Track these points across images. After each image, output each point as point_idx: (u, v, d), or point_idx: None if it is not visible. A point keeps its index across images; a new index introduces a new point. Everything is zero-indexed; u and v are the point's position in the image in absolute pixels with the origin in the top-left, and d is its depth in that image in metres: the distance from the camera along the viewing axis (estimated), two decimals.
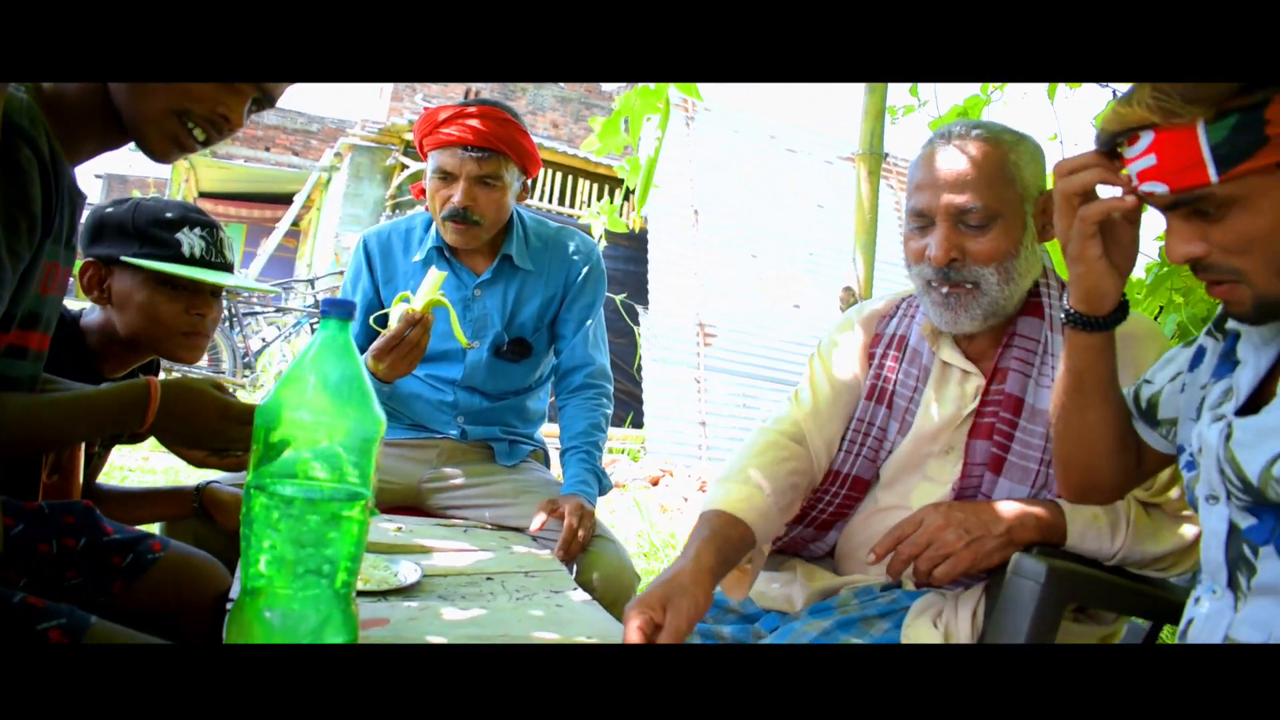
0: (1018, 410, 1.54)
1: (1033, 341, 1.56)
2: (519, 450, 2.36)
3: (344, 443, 1.07)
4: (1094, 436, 1.33)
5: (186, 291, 1.75)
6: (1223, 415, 1.15)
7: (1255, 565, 1.10)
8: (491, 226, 2.19)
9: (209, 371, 7.93)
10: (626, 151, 3.57)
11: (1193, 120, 1.01)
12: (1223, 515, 1.14)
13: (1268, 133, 0.98)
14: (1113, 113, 1.09)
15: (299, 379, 1.07)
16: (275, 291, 2.26)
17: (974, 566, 1.41)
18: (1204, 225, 1.06)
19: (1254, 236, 1.03)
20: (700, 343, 8.47)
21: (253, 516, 1.04)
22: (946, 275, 1.51)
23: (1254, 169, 0.99)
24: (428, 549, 1.82)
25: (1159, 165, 1.05)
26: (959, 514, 1.43)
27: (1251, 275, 1.05)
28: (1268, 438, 1.06)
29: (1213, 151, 1.00)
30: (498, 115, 2.13)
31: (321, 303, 1.08)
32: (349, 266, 2.38)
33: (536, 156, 2.23)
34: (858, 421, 1.69)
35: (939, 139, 1.54)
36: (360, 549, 1.09)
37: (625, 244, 9.58)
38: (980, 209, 1.47)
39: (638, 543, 4.38)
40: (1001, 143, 1.51)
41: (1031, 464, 1.52)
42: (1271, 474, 1.05)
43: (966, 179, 1.48)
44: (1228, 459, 1.11)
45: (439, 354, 2.25)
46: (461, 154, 2.12)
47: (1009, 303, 1.54)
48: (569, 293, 2.33)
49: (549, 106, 18.47)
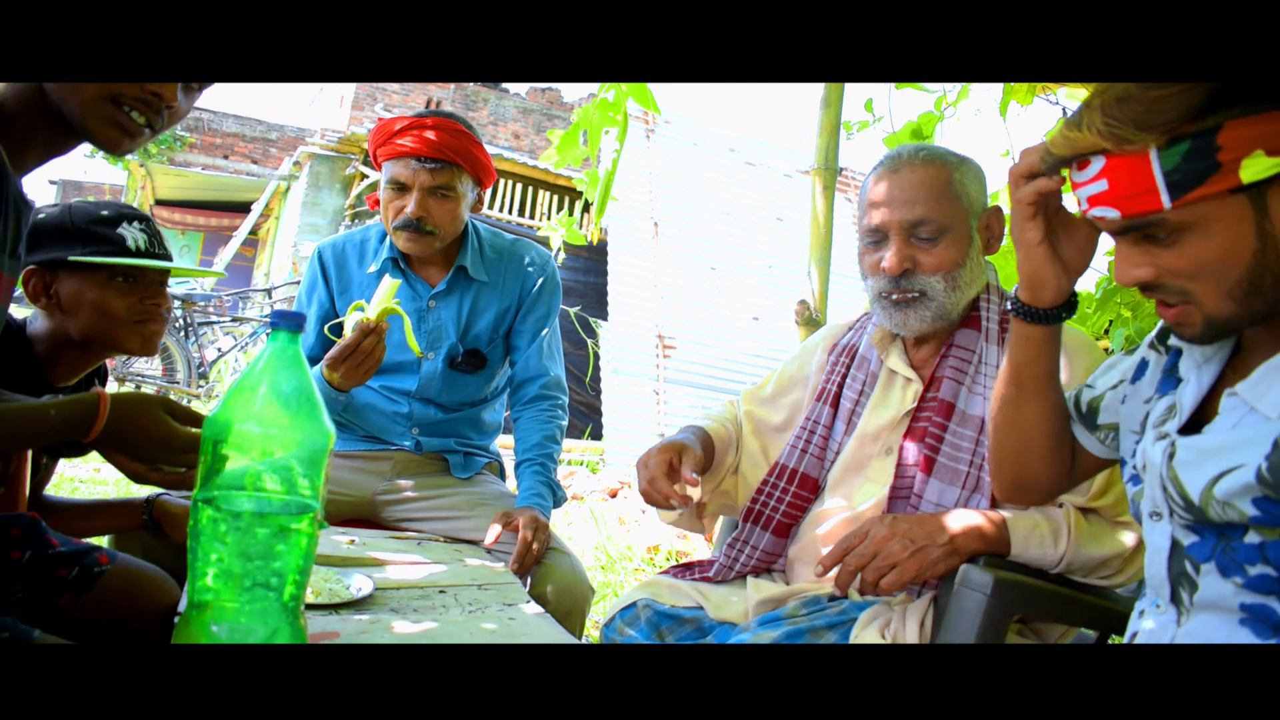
0: (949, 415, 1.63)
1: (968, 352, 1.66)
2: (474, 462, 2.36)
3: (293, 455, 1.07)
4: (1030, 433, 1.36)
5: (137, 284, 1.74)
6: (1166, 434, 1.16)
7: (1197, 582, 1.11)
8: (446, 236, 2.19)
9: (163, 382, 7.84)
10: (586, 164, 3.58)
11: (1145, 147, 1.01)
12: (1165, 532, 1.15)
13: (1219, 159, 0.98)
14: (1062, 137, 1.08)
15: (248, 390, 1.06)
16: (220, 275, 2.25)
17: (919, 576, 1.44)
18: (1154, 249, 1.06)
19: (1205, 261, 1.03)
20: (660, 355, 8.48)
21: (200, 529, 1.04)
22: (898, 284, 1.63)
23: (1206, 195, 1.00)
24: (380, 562, 1.81)
25: (1110, 191, 1.05)
26: (904, 525, 1.48)
27: (1201, 298, 1.06)
28: (1209, 458, 1.08)
29: (1165, 178, 1.00)
30: (451, 126, 2.13)
31: (271, 314, 1.08)
32: (304, 277, 2.37)
33: (491, 168, 2.23)
34: (806, 420, 1.83)
35: (889, 161, 1.67)
36: (309, 562, 1.09)
37: (585, 256, 9.59)
38: (931, 222, 1.60)
39: (595, 555, 4.37)
40: (947, 164, 1.65)
41: (961, 465, 1.60)
42: (1212, 494, 1.06)
43: (917, 196, 1.61)
44: (1170, 478, 1.12)
45: (394, 365, 2.24)
46: (415, 165, 2.11)
47: (955, 308, 1.65)
48: (524, 304, 2.33)
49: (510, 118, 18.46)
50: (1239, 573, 1.07)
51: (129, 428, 1.33)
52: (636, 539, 4.66)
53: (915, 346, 1.75)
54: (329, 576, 1.59)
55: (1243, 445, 1.05)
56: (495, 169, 2.28)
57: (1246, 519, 1.04)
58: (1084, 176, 1.08)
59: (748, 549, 1.81)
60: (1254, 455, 1.03)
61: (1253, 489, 1.02)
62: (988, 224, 1.68)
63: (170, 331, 7.91)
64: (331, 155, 12.37)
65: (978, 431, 1.60)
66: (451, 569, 1.84)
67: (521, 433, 2.28)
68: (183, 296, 8.41)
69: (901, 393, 1.73)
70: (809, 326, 3.04)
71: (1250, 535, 1.06)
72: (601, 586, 3.85)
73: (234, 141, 17.95)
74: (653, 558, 4.45)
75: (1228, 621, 1.09)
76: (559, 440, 2.28)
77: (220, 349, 8.77)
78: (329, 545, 1.85)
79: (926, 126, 3.25)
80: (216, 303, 9.16)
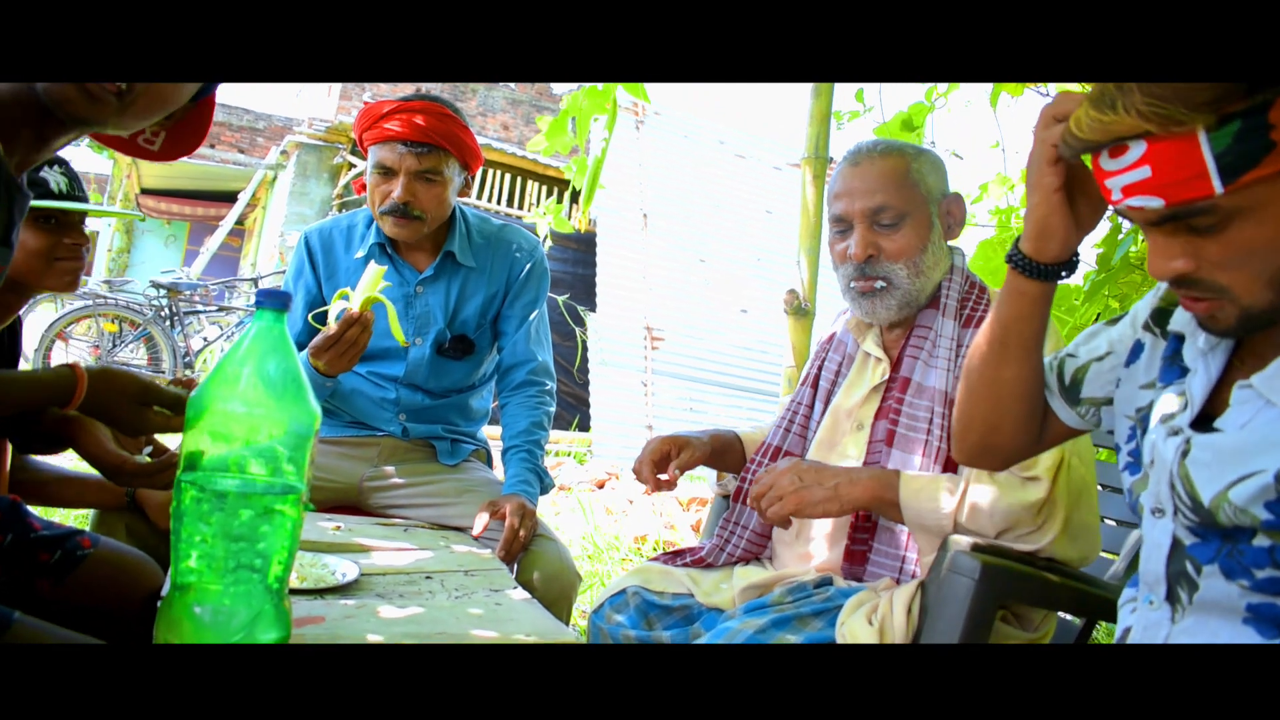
0: (905, 388, 1.69)
1: (927, 329, 1.71)
2: (461, 449, 2.34)
3: (278, 436, 1.06)
4: (1005, 394, 1.31)
5: (59, 226, 1.74)
6: (1179, 430, 1.12)
7: (1198, 582, 1.08)
8: (433, 221, 2.18)
9: (149, 371, 7.80)
10: (574, 153, 3.57)
11: (1193, 128, 0.92)
12: (1167, 529, 1.12)
13: (1273, 137, 0.91)
14: (1093, 121, 0.99)
15: (233, 370, 1.06)
16: (139, 217, 2.20)
17: (799, 510, 1.55)
18: (1194, 240, 1.00)
19: (1251, 249, 0.97)
20: (648, 346, 8.47)
21: (183, 510, 1.03)
22: (863, 271, 1.69)
23: (1260, 177, 0.93)
24: (367, 548, 1.80)
25: (1154, 178, 0.96)
26: (802, 467, 1.60)
27: (1238, 290, 1.00)
28: (1226, 460, 1.04)
29: (1217, 161, 0.92)
30: (438, 110, 2.12)
31: (256, 293, 1.06)
32: (290, 263, 2.35)
33: (478, 152, 2.22)
34: (792, 401, 1.93)
35: (851, 156, 1.75)
36: (294, 544, 1.08)
37: (574, 247, 9.58)
38: (891, 209, 1.67)
39: (582, 545, 4.37)
40: (905, 155, 1.72)
41: (919, 435, 1.65)
42: (1226, 497, 1.02)
43: (877, 185, 1.68)
44: (1181, 476, 1.08)
45: (380, 351, 2.23)
46: (401, 149, 2.10)
47: (921, 294, 1.71)
48: (511, 289, 2.32)
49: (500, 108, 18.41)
50: (1245, 576, 1.04)
51: (106, 388, 1.32)
52: (624, 529, 4.66)
53: (888, 329, 1.80)
54: (314, 562, 1.58)
55: (1264, 449, 1.01)
56: (484, 159, 2.27)
57: (1259, 523, 1.01)
58: (1119, 164, 0.99)
59: (739, 530, 1.85)
60: (1275, 459, 0.99)
61: (1269, 492, 0.99)
62: (948, 210, 1.74)
63: (156, 320, 7.88)
64: (319, 145, 12.32)
65: (933, 402, 1.65)
66: (438, 555, 1.83)
67: (508, 419, 2.27)
68: (169, 285, 8.36)
69: (872, 372, 1.79)
70: (798, 316, 3.04)
71: (1259, 539, 1.02)
72: (589, 576, 3.85)
73: (220, 130, 17.84)
74: (640, 548, 4.45)
75: (1230, 620, 1.07)
76: (546, 427, 2.27)
77: (206, 338, 8.73)
78: (315, 531, 1.84)
79: (917, 117, 3.26)
80: (202, 291, 9.10)
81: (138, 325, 7.84)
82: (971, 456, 1.41)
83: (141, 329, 7.84)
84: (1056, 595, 1.51)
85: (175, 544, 1.03)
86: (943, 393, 1.64)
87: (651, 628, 1.74)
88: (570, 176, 3.60)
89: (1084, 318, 3.03)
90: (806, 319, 3.04)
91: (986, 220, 3.32)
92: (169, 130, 1.40)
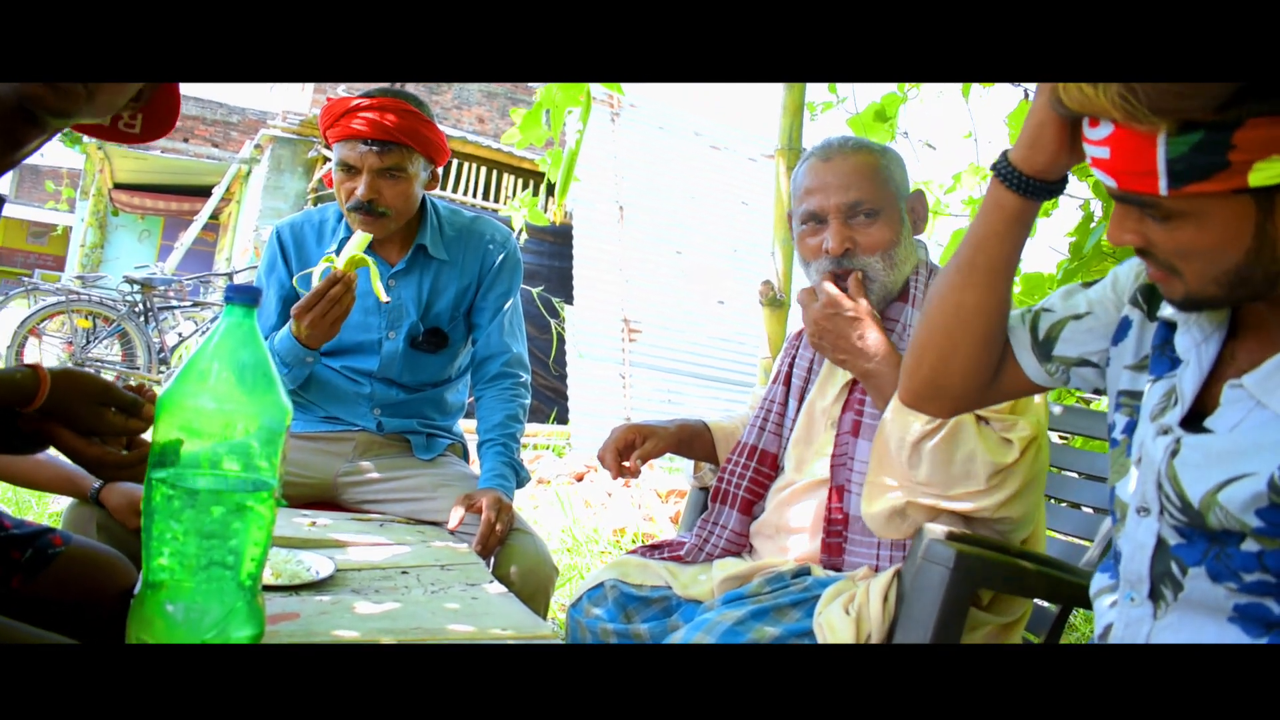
0: None
1: (894, 322, 1.72)
2: (436, 444, 2.34)
3: (251, 431, 1.05)
4: (963, 324, 1.25)
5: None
6: (1169, 429, 1.10)
7: (1183, 583, 1.08)
8: (400, 217, 2.17)
9: (123, 367, 7.74)
10: (549, 145, 3.57)
11: (1154, 129, 0.93)
12: (1151, 529, 1.11)
13: (1230, 158, 0.90)
14: (1077, 90, 0.99)
15: (203, 366, 1.05)
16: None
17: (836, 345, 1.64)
18: (1145, 221, 1.01)
19: (1194, 249, 0.98)
20: (625, 338, 8.47)
21: (154, 507, 1.02)
22: (840, 264, 1.69)
23: (1207, 191, 0.93)
24: (342, 543, 1.79)
25: (1111, 160, 0.98)
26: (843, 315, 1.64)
27: (1188, 277, 1.01)
28: (1216, 462, 1.03)
29: (1168, 166, 0.93)
30: (399, 107, 2.10)
31: (226, 288, 1.06)
32: (263, 257, 2.34)
33: (443, 146, 2.21)
34: (765, 399, 1.92)
35: (821, 150, 1.76)
36: (267, 540, 1.07)
37: (550, 240, 9.55)
38: (867, 204, 1.68)
39: (561, 538, 4.37)
40: (874, 151, 1.75)
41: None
42: (1215, 499, 1.02)
43: (851, 181, 1.69)
44: (1169, 475, 1.07)
45: (354, 345, 2.22)
46: (363, 147, 2.09)
47: (894, 286, 1.72)
48: (484, 281, 2.31)
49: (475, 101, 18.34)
50: (1233, 579, 1.03)
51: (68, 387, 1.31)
52: (603, 522, 4.66)
53: None
54: (289, 558, 1.58)
55: (1255, 451, 1.00)
56: (460, 152, 2.26)
57: (1249, 529, 1.00)
58: (1094, 135, 1.01)
59: (717, 529, 1.85)
60: (1267, 463, 0.98)
61: (1261, 498, 0.98)
62: (913, 206, 1.77)
63: (130, 316, 7.81)
64: (293, 138, 12.23)
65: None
66: (414, 550, 1.82)
67: (484, 412, 2.27)
68: (142, 281, 8.29)
69: (842, 370, 1.77)
70: (773, 307, 3.05)
71: (1248, 543, 1.02)
72: (568, 569, 3.85)
73: (194, 125, 17.70)
74: (619, 540, 4.45)
75: (1215, 619, 1.06)
76: (521, 420, 2.27)
77: (181, 334, 8.66)
78: (289, 527, 1.83)
79: (890, 108, 3.27)
80: (177, 287, 9.02)
81: (112, 321, 7.77)
82: (918, 397, 1.35)
83: (115, 325, 7.77)
84: (1031, 582, 1.52)
85: (146, 541, 1.02)
86: None
87: (630, 620, 1.74)
88: (545, 169, 3.59)
89: None
90: (782, 310, 3.04)
91: (960, 210, 3.33)
92: (144, 111, 1.39)
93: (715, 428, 2.04)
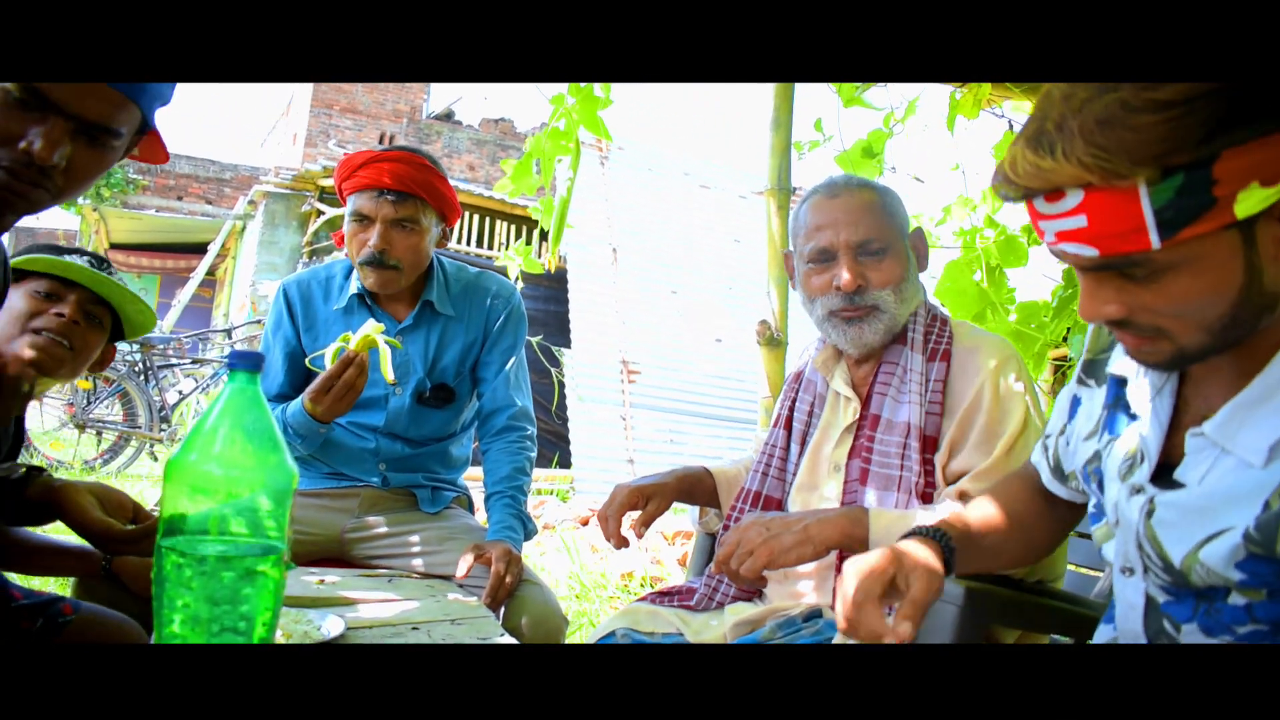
0: (876, 425, 1.70)
1: (894, 365, 1.73)
2: (442, 496, 2.34)
3: (257, 495, 1.06)
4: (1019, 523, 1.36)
5: (55, 298, 1.65)
6: (1140, 488, 1.09)
7: (1178, 639, 1.06)
8: (410, 271, 2.19)
9: (125, 427, 7.72)
10: (541, 192, 3.59)
11: (1135, 181, 0.88)
12: (1138, 588, 1.10)
13: (1215, 193, 0.87)
14: (1031, 167, 0.94)
15: (209, 432, 1.05)
16: (144, 311, 1.92)
17: (771, 561, 1.47)
18: (1128, 285, 0.96)
19: (1187, 300, 0.94)
20: (624, 380, 8.48)
21: (164, 575, 1.02)
22: (852, 300, 1.70)
23: (1200, 234, 0.89)
24: (351, 600, 1.79)
25: (1090, 228, 0.92)
26: (766, 518, 1.54)
27: (1176, 333, 0.97)
28: (1193, 519, 1.01)
29: (1156, 216, 0.89)
30: (414, 160, 2.14)
31: (229, 355, 1.07)
32: (269, 314, 2.35)
33: (455, 204, 2.23)
34: (766, 445, 1.91)
35: (827, 189, 1.78)
36: (278, 603, 1.08)
37: (545, 284, 9.59)
38: (876, 240, 1.70)
39: (569, 584, 4.35)
40: (877, 190, 1.77)
41: (892, 470, 1.65)
42: (1197, 558, 1.00)
43: (860, 218, 1.71)
44: (1148, 536, 1.06)
45: (361, 401, 2.22)
46: (378, 197, 2.12)
47: (901, 320, 1.73)
48: (489, 336, 2.32)
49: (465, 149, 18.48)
50: (1226, 633, 1.01)
51: None
52: (610, 567, 4.64)
53: (856, 366, 1.81)
54: (299, 618, 1.57)
55: (1228, 504, 0.98)
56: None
57: (1232, 584, 0.98)
58: (1056, 209, 0.94)
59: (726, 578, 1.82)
60: (1242, 516, 0.96)
61: (1239, 550, 0.96)
62: (914, 244, 1.79)
63: (130, 376, 7.81)
64: (286, 193, 12.32)
65: (904, 435, 1.66)
66: (424, 605, 1.82)
67: (491, 465, 2.27)
68: (141, 340, 8.31)
69: (843, 412, 1.79)
70: (771, 346, 3.06)
71: (1234, 597, 1.01)
72: (576, 616, 3.83)
73: (188, 182, 17.82)
74: (627, 585, 4.43)
75: None
76: (528, 472, 2.27)
77: (181, 391, 8.66)
78: (298, 586, 1.83)
79: (876, 144, 3.30)
80: (176, 345, 9.04)
81: (112, 381, 7.77)
82: (1017, 565, 1.47)
83: (116, 385, 7.77)
84: (1043, 618, 1.52)
85: (158, 609, 1.03)
86: (916, 427, 1.65)
87: None
88: (538, 216, 3.62)
89: (1053, 333, 3.06)
90: (779, 349, 3.06)
91: (950, 242, 3.35)
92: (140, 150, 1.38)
93: (718, 473, 2.01)
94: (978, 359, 1.67)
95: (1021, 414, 1.60)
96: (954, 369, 1.69)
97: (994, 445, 1.59)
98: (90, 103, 1.18)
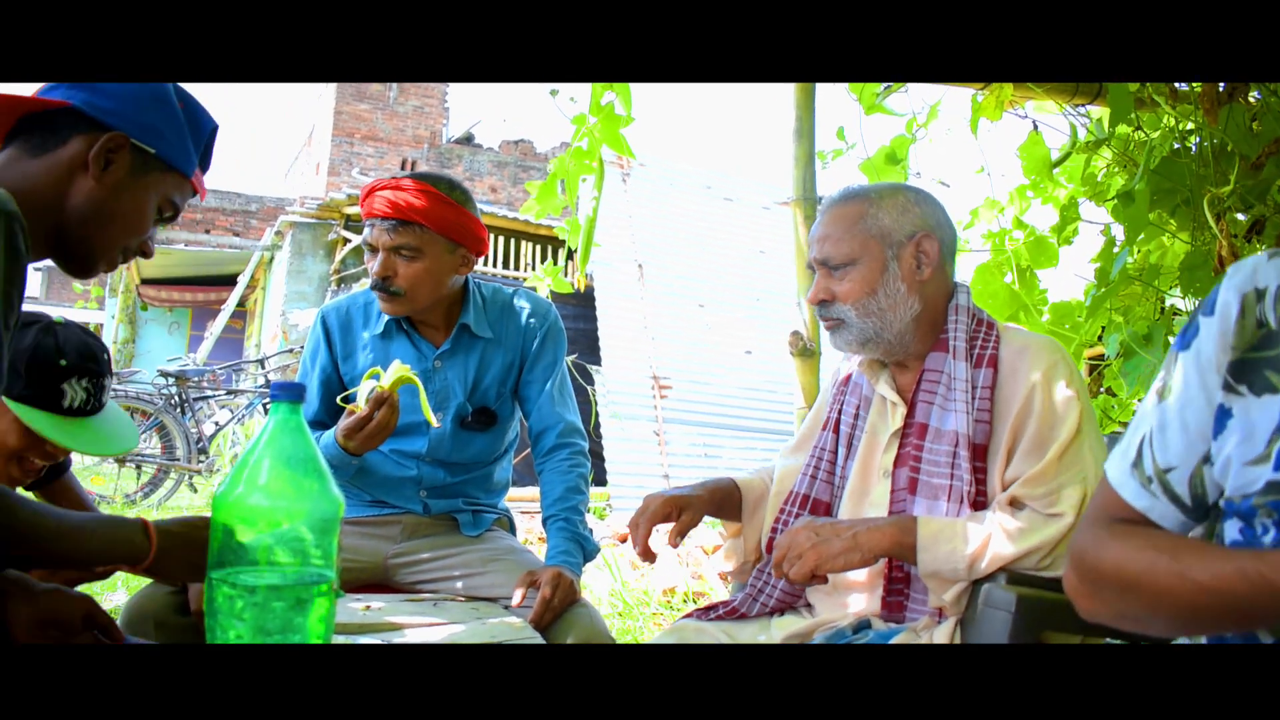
0: (923, 434, 1.69)
1: (937, 373, 1.71)
2: (483, 519, 2.34)
3: (305, 525, 1.07)
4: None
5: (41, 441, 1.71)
6: None
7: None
8: (416, 298, 2.17)
9: (163, 460, 7.80)
10: (566, 212, 3.61)
11: None
12: None
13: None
14: None
15: (254, 465, 1.07)
16: (119, 452, 2.06)
17: (820, 565, 1.54)
18: None
19: None
20: (656, 395, 8.49)
21: (216, 607, 1.04)
22: (820, 313, 1.79)
23: None
24: (398, 625, 1.80)
25: None
26: (817, 523, 1.61)
27: None
28: None
29: None
30: (420, 188, 2.12)
31: (271, 386, 1.08)
32: (307, 342, 2.37)
33: (473, 228, 2.20)
34: (815, 448, 1.91)
35: (824, 201, 1.83)
36: (328, 632, 1.09)
37: (573, 303, 9.62)
38: (834, 257, 1.73)
39: (610, 602, 4.35)
40: (864, 200, 1.76)
41: (941, 480, 1.64)
42: None
43: (827, 234, 1.76)
44: None
45: (403, 427, 2.20)
46: (379, 226, 2.13)
47: (884, 332, 1.73)
48: (529, 356, 2.32)
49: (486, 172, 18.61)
50: None
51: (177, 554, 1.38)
52: (652, 583, 4.63)
53: (899, 372, 1.81)
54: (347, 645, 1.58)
55: None
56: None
57: None
58: None
59: (772, 580, 1.83)
60: None
61: None
62: (918, 249, 1.72)
63: (167, 409, 7.89)
64: (312, 222, 12.44)
65: (953, 445, 1.64)
66: (470, 628, 1.83)
67: (545, 487, 2.26)
68: (176, 373, 8.40)
69: (890, 417, 1.78)
70: (804, 357, 3.05)
71: None
72: (620, 634, 3.83)
73: (215, 216, 18.04)
74: (669, 601, 4.42)
75: None
76: (583, 490, 2.25)
77: (218, 422, 8.74)
78: (345, 613, 1.84)
79: (900, 150, 3.28)
80: (210, 377, 9.14)
81: (149, 415, 7.85)
82: (1095, 616, 1.12)
83: (153, 419, 7.85)
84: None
85: (211, 640, 1.04)
86: (966, 436, 1.63)
87: None
88: (564, 236, 3.64)
89: (1088, 333, 3.03)
90: (813, 359, 3.04)
91: (980, 245, 3.34)
92: None
93: (744, 485, 2.00)
94: (1026, 363, 1.65)
95: (1075, 418, 1.58)
96: (1002, 375, 1.67)
97: (1046, 451, 1.57)
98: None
